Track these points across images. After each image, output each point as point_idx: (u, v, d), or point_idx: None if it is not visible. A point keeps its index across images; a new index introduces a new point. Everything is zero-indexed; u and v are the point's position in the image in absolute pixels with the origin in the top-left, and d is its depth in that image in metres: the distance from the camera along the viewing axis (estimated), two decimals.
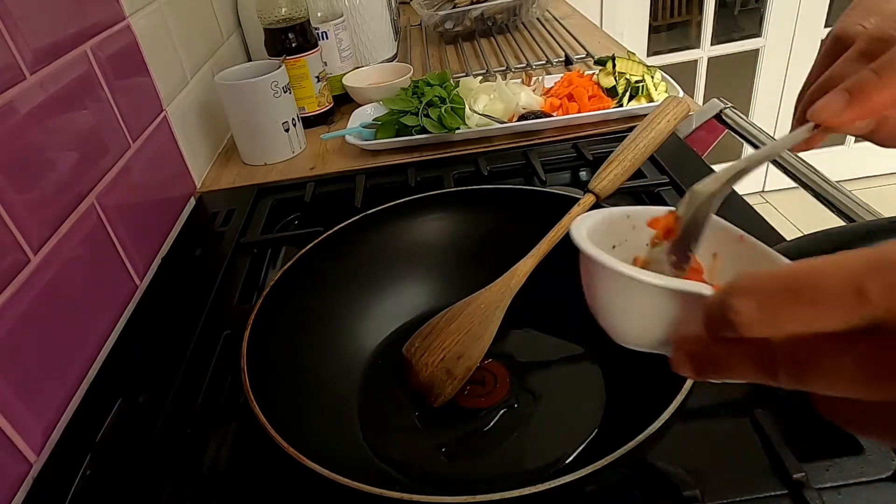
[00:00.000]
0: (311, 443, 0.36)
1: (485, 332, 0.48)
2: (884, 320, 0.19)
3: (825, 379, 0.20)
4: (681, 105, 0.55)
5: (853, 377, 0.20)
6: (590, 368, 0.50)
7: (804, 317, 0.19)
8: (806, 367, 0.20)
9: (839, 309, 0.19)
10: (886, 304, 0.18)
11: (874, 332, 0.19)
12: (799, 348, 0.20)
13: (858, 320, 0.19)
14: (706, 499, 0.37)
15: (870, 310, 0.18)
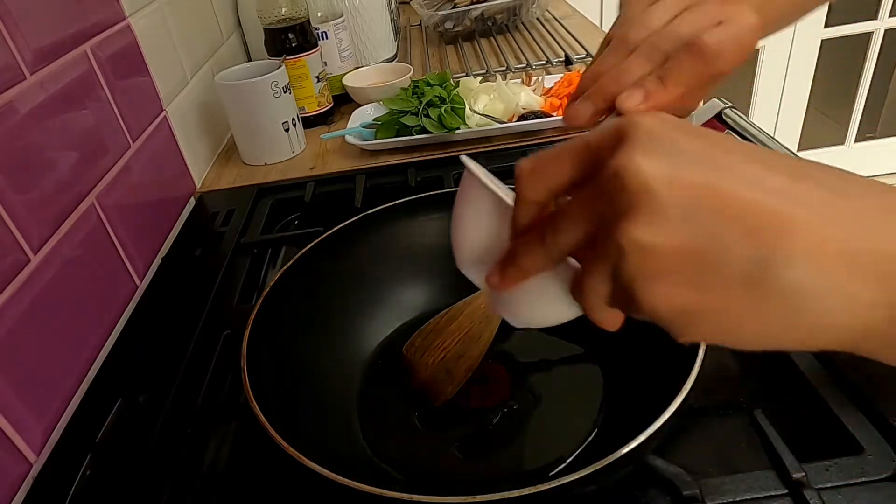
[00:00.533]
0: (311, 443, 0.36)
1: (485, 331, 0.47)
2: (598, 160, 0.25)
3: (569, 232, 0.26)
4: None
5: (579, 218, 0.25)
6: (590, 368, 0.50)
7: (556, 168, 0.26)
8: (558, 228, 0.26)
9: (572, 156, 0.26)
10: (598, 142, 0.25)
11: (593, 178, 0.25)
12: (555, 216, 0.27)
13: (584, 164, 0.26)
14: (706, 499, 0.37)
15: (589, 152, 0.25)
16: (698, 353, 0.37)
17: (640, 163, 0.22)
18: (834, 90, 2.31)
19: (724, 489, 0.37)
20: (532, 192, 0.28)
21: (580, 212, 0.25)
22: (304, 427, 0.41)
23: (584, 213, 0.25)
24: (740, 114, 0.80)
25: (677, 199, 0.22)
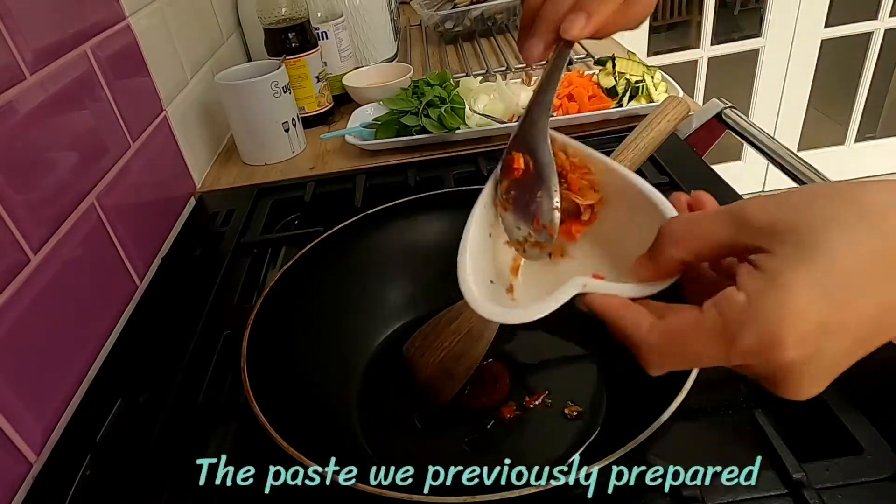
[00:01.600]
0: (311, 443, 0.36)
1: (485, 331, 0.47)
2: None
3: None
4: (681, 105, 0.55)
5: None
6: (590, 368, 0.50)
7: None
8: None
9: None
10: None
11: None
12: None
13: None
14: (706, 499, 0.37)
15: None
16: None
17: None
18: (834, 90, 2.31)
19: (724, 489, 0.37)
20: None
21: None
22: (304, 427, 0.41)
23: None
24: (740, 114, 0.81)
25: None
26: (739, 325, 0.24)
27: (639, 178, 0.38)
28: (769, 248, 0.25)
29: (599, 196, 0.37)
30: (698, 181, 0.67)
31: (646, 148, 0.54)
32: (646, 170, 0.71)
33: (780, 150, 0.74)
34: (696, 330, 0.26)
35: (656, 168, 0.72)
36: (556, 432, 0.45)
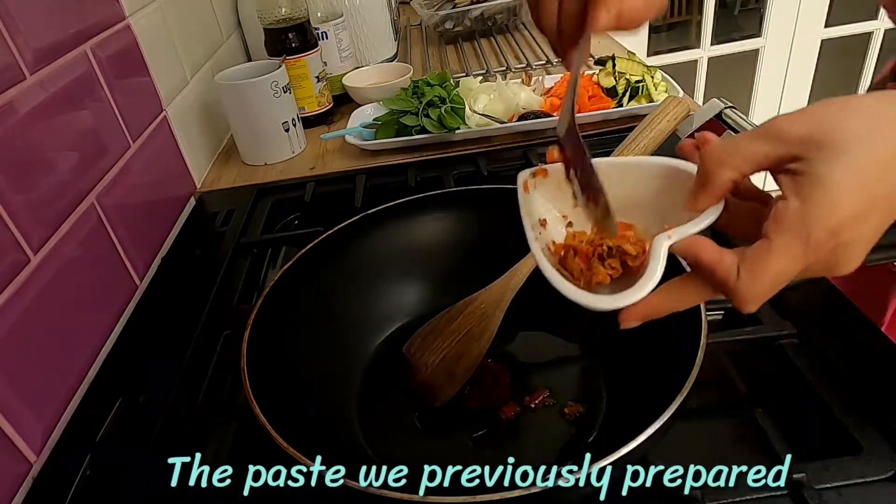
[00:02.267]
0: (311, 443, 0.36)
1: (485, 332, 0.47)
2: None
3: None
4: (681, 105, 0.55)
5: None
6: (590, 368, 0.50)
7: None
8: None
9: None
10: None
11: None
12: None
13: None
14: (706, 499, 0.37)
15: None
16: (698, 353, 0.37)
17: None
18: (834, 90, 2.31)
19: (724, 489, 0.37)
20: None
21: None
22: (304, 427, 0.41)
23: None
24: (740, 114, 0.80)
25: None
26: (806, 227, 0.28)
27: (641, 157, 0.41)
28: (806, 154, 0.29)
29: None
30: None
31: (646, 148, 0.54)
32: None
33: None
34: (774, 252, 0.29)
35: None
36: (556, 432, 0.45)
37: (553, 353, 0.52)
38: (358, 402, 0.49)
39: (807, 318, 0.48)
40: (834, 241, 0.28)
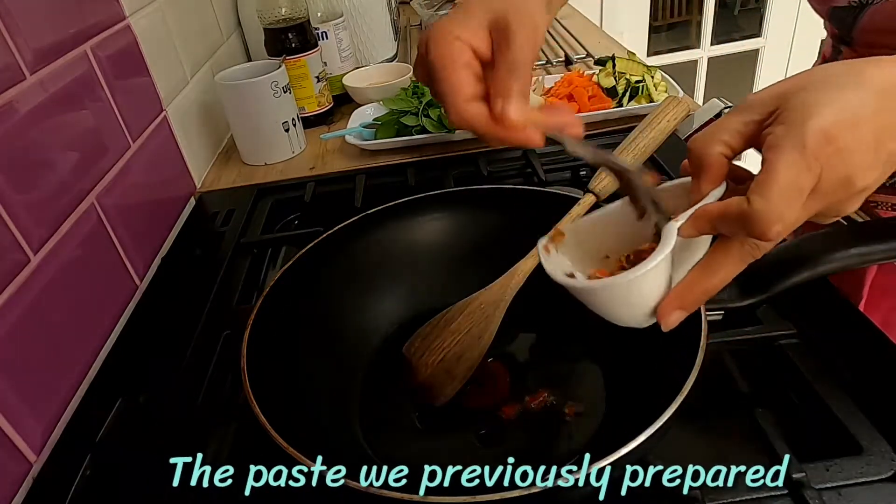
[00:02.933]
0: (311, 443, 0.36)
1: (485, 332, 0.47)
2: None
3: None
4: (681, 105, 0.55)
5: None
6: (590, 368, 0.50)
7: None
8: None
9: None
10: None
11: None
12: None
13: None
14: (706, 499, 0.37)
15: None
16: (698, 353, 0.37)
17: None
18: None
19: (724, 489, 0.37)
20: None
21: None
22: (304, 427, 0.41)
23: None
24: None
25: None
26: (797, 135, 0.29)
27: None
28: (780, 104, 0.31)
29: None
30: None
31: (646, 148, 0.54)
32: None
33: None
34: (774, 165, 0.29)
35: (656, 168, 0.72)
36: (556, 432, 0.45)
37: (553, 353, 0.52)
38: (358, 402, 0.49)
39: (807, 318, 0.48)
40: (831, 146, 0.29)
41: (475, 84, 0.39)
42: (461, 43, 0.39)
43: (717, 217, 0.32)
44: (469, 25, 0.39)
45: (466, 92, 0.38)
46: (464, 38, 0.39)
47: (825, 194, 0.30)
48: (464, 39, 0.39)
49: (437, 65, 0.38)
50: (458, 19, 0.40)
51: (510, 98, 0.38)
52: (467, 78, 0.39)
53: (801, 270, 0.42)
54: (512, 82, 0.39)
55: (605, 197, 0.53)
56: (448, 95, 0.38)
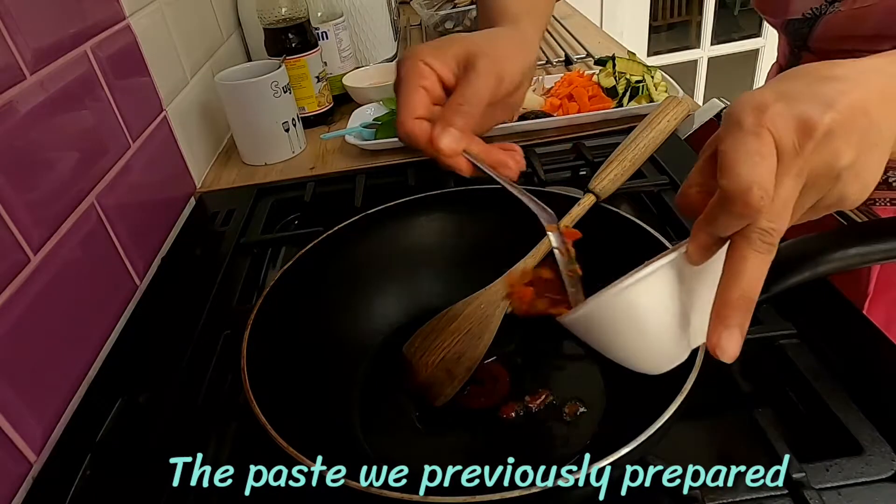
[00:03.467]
0: (311, 443, 0.36)
1: (485, 332, 0.47)
2: None
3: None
4: (681, 105, 0.55)
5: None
6: (590, 368, 0.50)
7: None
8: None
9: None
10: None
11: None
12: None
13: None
14: (706, 499, 0.37)
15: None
16: (698, 353, 0.37)
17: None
18: None
19: (724, 489, 0.37)
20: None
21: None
22: (304, 427, 0.41)
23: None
24: None
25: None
26: (739, 105, 0.30)
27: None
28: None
29: None
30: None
31: (646, 148, 0.54)
32: (646, 170, 0.71)
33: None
34: (725, 148, 0.29)
35: (656, 168, 0.72)
36: (556, 432, 0.45)
37: (553, 353, 0.52)
38: (358, 401, 0.49)
39: (807, 318, 0.48)
40: (768, 111, 0.29)
41: (427, 105, 0.43)
42: (426, 67, 0.43)
43: (705, 219, 0.31)
44: (442, 54, 0.43)
45: (416, 109, 0.42)
46: (432, 63, 0.43)
47: (795, 155, 0.29)
48: (431, 64, 0.43)
49: (399, 80, 0.43)
50: (434, 45, 0.44)
51: (447, 129, 0.41)
52: (421, 98, 0.43)
53: (801, 270, 0.42)
54: (456, 117, 0.41)
55: (605, 197, 0.53)
56: (400, 108, 0.43)
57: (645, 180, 0.69)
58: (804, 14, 0.61)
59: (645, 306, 0.31)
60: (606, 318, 0.32)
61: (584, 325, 0.33)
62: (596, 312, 0.32)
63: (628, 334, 0.32)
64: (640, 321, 0.32)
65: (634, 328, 0.32)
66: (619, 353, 0.34)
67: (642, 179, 0.69)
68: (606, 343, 0.34)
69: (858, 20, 0.58)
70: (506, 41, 0.46)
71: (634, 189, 0.69)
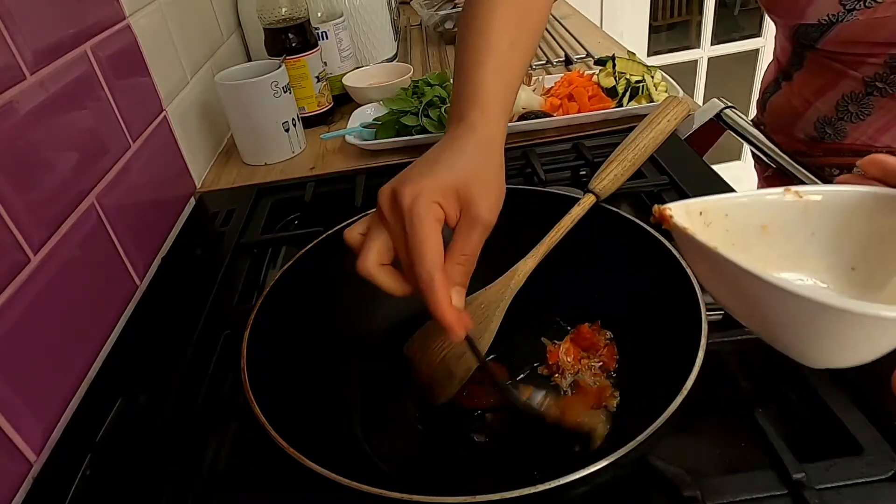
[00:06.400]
0: (311, 443, 0.36)
1: (484, 332, 0.47)
2: None
3: None
4: (681, 105, 0.55)
5: None
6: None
7: None
8: None
9: None
10: None
11: None
12: None
13: None
14: (706, 499, 0.37)
15: None
16: (698, 353, 0.37)
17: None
18: None
19: (724, 489, 0.37)
20: None
21: None
22: (304, 427, 0.41)
23: None
24: (740, 113, 0.81)
25: None
26: None
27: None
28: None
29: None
30: (698, 181, 0.67)
31: (646, 148, 0.54)
32: (646, 170, 0.71)
33: (777, 149, 0.74)
34: None
35: (656, 168, 0.72)
36: (556, 432, 0.45)
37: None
38: (358, 401, 0.49)
39: None
40: None
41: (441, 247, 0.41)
42: (440, 210, 0.41)
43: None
44: (446, 192, 0.41)
45: (440, 257, 0.40)
46: (444, 205, 0.41)
47: None
48: (443, 206, 0.41)
49: (415, 219, 0.40)
50: (437, 180, 0.42)
51: (457, 288, 0.40)
52: (439, 242, 0.40)
53: None
54: (462, 277, 0.41)
55: (605, 197, 0.53)
56: (424, 256, 0.39)
57: (645, 180, 0.69)
58: (819, 20, 0.61)
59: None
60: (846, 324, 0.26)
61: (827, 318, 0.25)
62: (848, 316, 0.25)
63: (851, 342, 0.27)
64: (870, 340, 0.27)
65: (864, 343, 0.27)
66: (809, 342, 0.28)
67: (642, 179, 0.69)
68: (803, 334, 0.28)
69: (875, 28, 0.58)
70: (488, 174, 0.44)
71: (634, 189, 0.69)
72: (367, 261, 0.41)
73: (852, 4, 0.58)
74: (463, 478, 0.44)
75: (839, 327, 0.25)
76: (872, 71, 0.61)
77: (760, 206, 0.31)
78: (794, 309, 0.25)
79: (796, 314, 0.26)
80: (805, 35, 0.64)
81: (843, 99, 0.65)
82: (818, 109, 0.68)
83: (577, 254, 0.49)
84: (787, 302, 0.25)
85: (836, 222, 0.30)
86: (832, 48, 0.63)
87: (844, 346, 0.27)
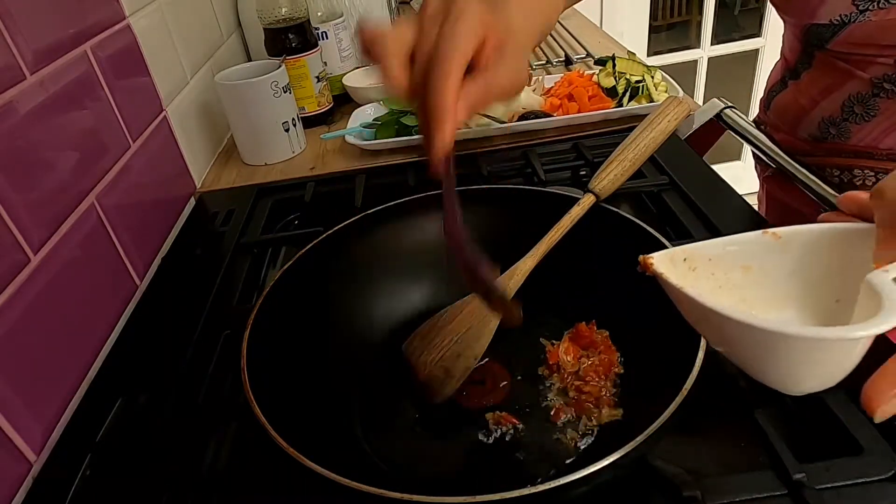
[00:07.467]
0: (311, 443, 0.36)
1: (484, 331, 0.47)
2: None
3: None
4: (681, 105, 0.55)
5: None
6: None
7: None
8: None
9: None
10: None
11: None
12: None
13: None
14: (706, 499, 0.37)
15: None
16: (698, 353, 0.37)
17: None
18: None
19: (724, 489, 0.37)
20: None
21: None
22: (304, 427, 0.41)
23: None
24: (740, 113, 0.80)
25: None
26: None
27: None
28: None
29: None
30: (698, 181, 0.67)
31: (646, 148, 0.54)
32: (646, 170, 0.71)
33: (777, 149, 0.74)
34: None
35: (656, 168, 0.72)
36: (556, 432, 0.45)
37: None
38: (358, 401, 0.49)
39: None
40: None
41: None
42: (482, 31, 0.38)
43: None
44: (495, 22, 0.39)
45: (464, 60, 0.38)
46: (488, 28, 0.39)
47: None
48: (487, 25, 0.39)
49: (456, 20, 0.38)
50: (488, 4, 0.39)
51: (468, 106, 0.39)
52: (464, 61, 0.38)
53: None
54: (479, 103, 0.39)
55: (605, 197, 0.53)
56: (456, 48, 0.37)
57: (645, 180, 0.69)
58: (831, 20, 0.60)
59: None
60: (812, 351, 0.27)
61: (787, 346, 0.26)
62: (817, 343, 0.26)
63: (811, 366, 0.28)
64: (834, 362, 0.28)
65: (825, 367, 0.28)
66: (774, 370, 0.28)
67: (642, 179, 0.69)
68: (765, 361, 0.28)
69: (887, 29, 0.57)
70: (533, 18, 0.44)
71: (634, 189, 0.68)
72: (385, 34, 0.38)
73: (865, 5, 0.57)
74: (463, 478, 0.44)
75: (799, 353, 0.26)
76: (881, 72, 0.61)
77: (740, 248, 0.32)
78: (753, 339, 0.27)
79: (756, 345, 0.27)
80: (816, 35, 0.64)
81: (850, 99, 0.64)
82: (823, 109, 0.67)
83: (576, 254, 0.49)
84: (748, 333, 0.26)
85: (815, 258, 0.31)
86: (842, 48, 0.62)
87: (814, 372, 0.28)
